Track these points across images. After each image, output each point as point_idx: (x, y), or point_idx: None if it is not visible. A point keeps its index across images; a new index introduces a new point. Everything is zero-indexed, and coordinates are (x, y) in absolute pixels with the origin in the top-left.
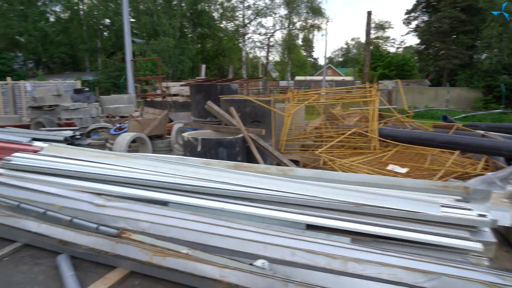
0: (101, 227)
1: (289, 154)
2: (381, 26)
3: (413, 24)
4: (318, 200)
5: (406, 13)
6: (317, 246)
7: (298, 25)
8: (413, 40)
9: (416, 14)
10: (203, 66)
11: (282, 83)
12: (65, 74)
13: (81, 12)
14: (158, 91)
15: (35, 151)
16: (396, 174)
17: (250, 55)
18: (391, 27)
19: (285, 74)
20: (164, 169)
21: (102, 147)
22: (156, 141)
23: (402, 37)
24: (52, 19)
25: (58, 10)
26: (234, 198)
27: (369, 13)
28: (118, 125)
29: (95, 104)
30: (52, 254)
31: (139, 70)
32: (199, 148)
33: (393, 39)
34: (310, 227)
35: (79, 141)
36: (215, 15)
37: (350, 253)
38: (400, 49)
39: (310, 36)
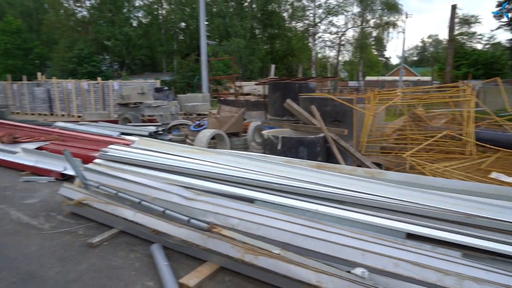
0: (192, 220)
1: (369, 156)
2: (466, 21)
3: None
4: (419, 207)
5: (497, 5)
6: (424, 259)
7: (371, 22)
8: (504, 35)
9: (510, 6)
10: (273, 66)
11: (351, 83)
12: (144, 74)
13: (160, 17)
14: (231, 90)
15: (127, 144)
16: (502, 183)
17: (319, 55)
18: (478, 22)
19: (354, 74)
20: (248, 166)
21: (182, 142)
22: (233, 138)
23: (491, 32)
24: (134, 24)
25: (140, 15)
26: (321, 199)
27: (454, 7)
28: (198, 122)
29: (174, 102)
30: (145, 242)
31: (212, 70)
32: (279, 147)
33: (480, 34)
34: (411, 236)
35: (161, 137)
36: (285, 15)
37: (465, 270)
38: (488, 46)
39: (385, 34)
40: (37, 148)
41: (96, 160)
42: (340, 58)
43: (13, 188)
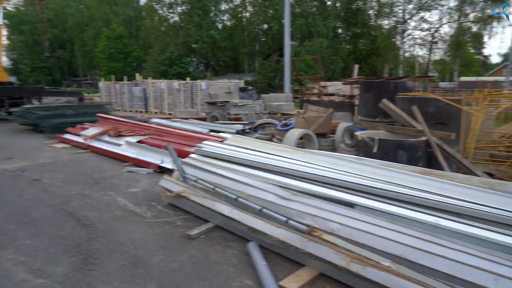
0: (291, 221)
1: (476, 164)
2: None
3: None
4: None
5: None
6: None
7: (471, 16)
8: None
9: None
10: (356, 66)
11: (442, 84)
12: (227, 75)
13: (244, 20)
14: (315, 90)
15: (220, 141)
16: None
17: (406, 54)
18: None
19: (446, 74)
20: (346, 168)
21: (269, 141)
22: (320, 139)
23: None
24: (220, 27)
25: (225, 19)
26: (433, 209)
27: None
28: (284, 121)
29: (258, 101)
30: (240, 239)
31: (294, 71)
32: (375, 149)
33: None
34: None
35: (248, 135)
36: (371, 12)
37: None
38: None
39: (487, 28)
40: (138, 142)
41: (192, 155)
42: (431, 57)
43: (118, 177)
